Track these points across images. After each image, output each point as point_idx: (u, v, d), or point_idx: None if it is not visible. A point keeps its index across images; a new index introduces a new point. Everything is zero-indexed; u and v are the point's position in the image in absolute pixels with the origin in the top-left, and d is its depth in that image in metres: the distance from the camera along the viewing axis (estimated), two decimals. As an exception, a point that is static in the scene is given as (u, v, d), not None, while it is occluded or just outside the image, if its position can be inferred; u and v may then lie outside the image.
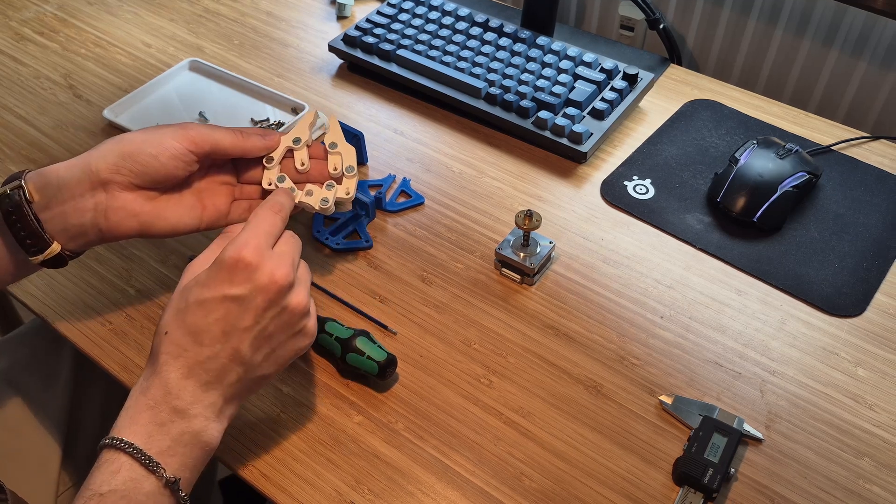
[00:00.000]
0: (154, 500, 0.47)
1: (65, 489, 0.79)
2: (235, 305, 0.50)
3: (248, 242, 0.51)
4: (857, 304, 0.68)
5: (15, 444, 0.78)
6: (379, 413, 0.60)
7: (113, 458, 0.47)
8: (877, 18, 0.85)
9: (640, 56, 0.94)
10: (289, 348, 0.53)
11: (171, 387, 0.49)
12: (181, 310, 0.50)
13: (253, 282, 0.50)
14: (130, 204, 0.57)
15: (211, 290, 0.50)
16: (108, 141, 0.57)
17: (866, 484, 0.56)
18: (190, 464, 0.49)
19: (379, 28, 0.92)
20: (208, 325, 0.50)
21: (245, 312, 0.50)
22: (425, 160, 0.82)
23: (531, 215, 0.66)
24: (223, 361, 0.50)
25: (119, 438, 0.47)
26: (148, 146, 0.56)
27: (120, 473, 0.46)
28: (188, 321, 0.50)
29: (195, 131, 0.58)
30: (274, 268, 0.50)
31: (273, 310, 0.51)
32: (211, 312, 0.50)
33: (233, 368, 0.50)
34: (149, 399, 0.49)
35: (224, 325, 0.50)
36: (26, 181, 0.55)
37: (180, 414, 0.49)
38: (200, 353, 0.49)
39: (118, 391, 0.85)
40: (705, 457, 0.56)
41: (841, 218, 0.75)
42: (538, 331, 0.66)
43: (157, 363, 0.50)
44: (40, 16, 1.02)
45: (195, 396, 0.49)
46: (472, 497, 0.56)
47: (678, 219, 0.75)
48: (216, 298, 0.50)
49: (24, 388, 0.81)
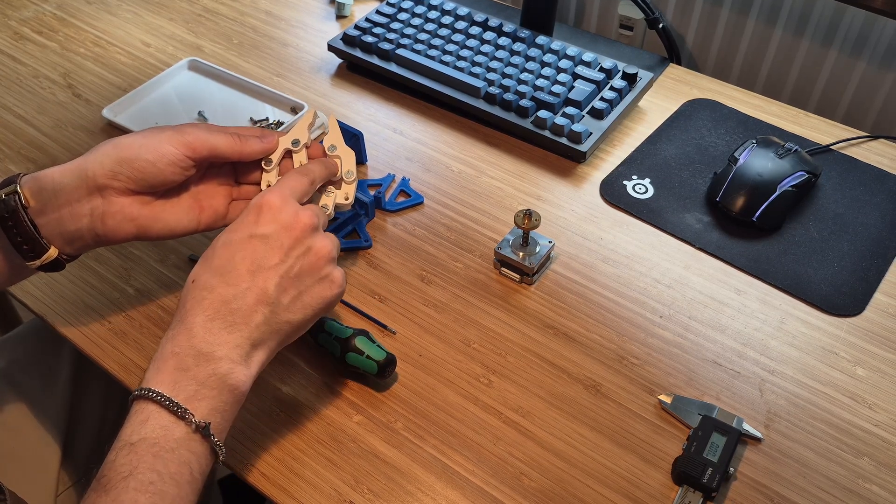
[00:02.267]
0: (186, 447, 0.47)
1: (64, 489, 0.79)
2: (261, 243, 0.51)
3: (275, 191, 0.54)
4: (856, 303, 0.68)
5: (14, 444, 0.78)
6: (378, 412, 0.60)
7: (141, 407, 0.47)
8: (876, 18, 0.85)
9: (639, 55, 0.94)
10: (316, 294, 0.53)
11: (195, 330, 0.49)
12: (208, 256, 0.52)
13: (279, 221, 0.52)
14: (127, 208, 0.57)
15: (237, 232, 0.52)
16: (104, 144, 0.57)
17: (865, 483, 0.56)
18: (220, 407, 0.48)
19: (378, 27, 0.92)
20: (234, 264, 0.51)
21: (271, 250, 0.51)
22: (424, 160, 0.82)
23: (530, 215, 0.66)
24: (249, 301, 0.50)
25: (146, 388, 0.47)
26: (145, 151, 0.56)
27: (149, 422, 0.46)
28: (214, 263, 0.51)
29: (193, 136, 0.57)
30: (298, 209, 0.53)
31: (298, 249, 0.52)
32: (237, 251, 0.51)
33: (258, 309, 0.50)
34: (174, 346, 0.49)
35: (250, 262, 0.51)
36: (21, 186, 0.55)
37: (205, 357, 0.48)
38: (226, 292, 0.50)
39: (118, 391, 0.85)
40: (704, 456, 0.56)
41: (840, 217, 0.75)
42: (537, 330, 0.66)
43: (183, 310, 0.50)
44: (39, 15, 1.02)
45: (220, 338, 0.49)
46: (472, 496, 0.56)
47: (677, 218, 0.75)
48: (242, 238, 0.52)
49: (24, 387, 0.81)
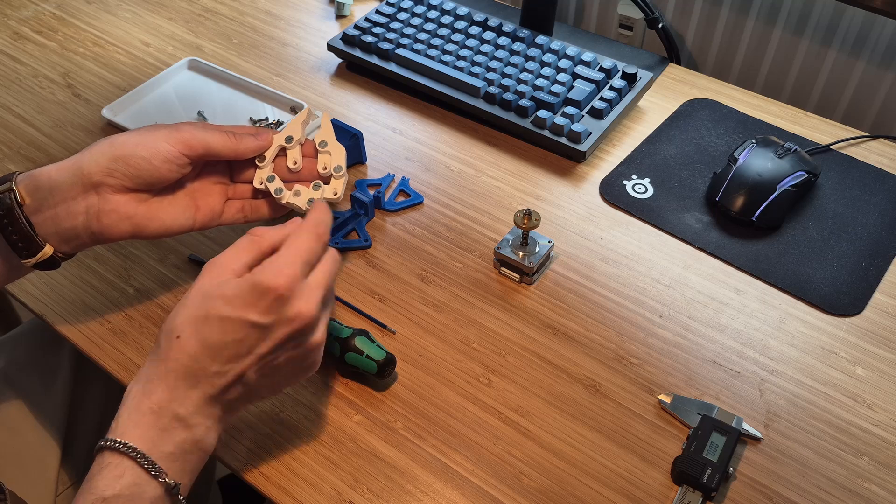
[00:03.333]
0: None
1: (64, 489, 0.79)
2: (256, 332, 0.49)
3: (284, 271, 0.49)
4: (855, 303, 0.68)
5: (14, 444, 0.78)
6: (378, 412, 0.60)
7: (116, 461, 0.47)
8: (875, 18, 0.85)
9: (638, 55, 0.94)
10: (290, 378, 0.53)
11: (176, 394, 0.48)
12: (199, 318, 0.49)
13: (280, 314, 0.49)
14: (123, 206, 0.56)
15: (236, 310, 0.48)
16: (100, 142, 0.57)
17: (865, 483, 0.56)
18: (189, 469, 0.49)
19: (378, 27, 0.92)
20: (225, 344, 0.49)
21: (263, 341, 0.49)
22: (424, 159, 0.82)
23: (530, 214, 0.66)
24: (229, 379, 0.49)
25: (122, 442, 0.47)
26: (140, 149, 0.55)
27: (123, 478, 0.46)
28: (205, 333, 0.49)
29: (189, 134, 0.57)
30: (303, 305, 0.49)
31: (290, 343, 0.50)
32: (230, 332, 0.49)
33: (235, 386, 0.50)
34: (152, 403, 0.48)
35: (240, 347, 0.49)
36: (17, 184, 0.55)
37: (183, 422, 0.48)
38: (210, 367, 0.49)
39: (117, 390, 0.85)
40: (704, 456, 0.56)
41: (839, 217, 0.75)
42: (537, 330, 0.66)
43: (162, 366, 0.49)
44: (39, 15, 1.02)
45: (198, 407, 0.49)
46: (471, 496, 0.56)
47: (677, 218, 0.75)
48: (240, 320, 0.48)
49: (23, 387, 0.81)
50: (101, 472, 0.46)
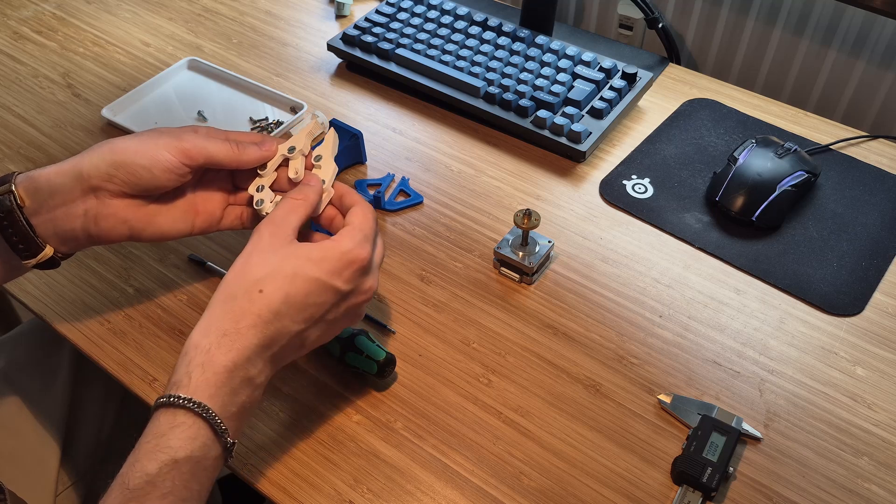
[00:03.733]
0: (215, 466, 0.47)
1: (63, 488, 0.79)
2: (335, 298, 0.52)
3: (365, 245, 0.53)
4: (855, 303, 0.68)
5: (14, 444, 0.78)
6: (378, 412, 0.60)
7: (190, 422, 0.46)
8: (875, 18, 0.85)
9: (638, 55, 0.94)
10: (328, 335, 0.55)
11: (252, 354, 0.48)
12: (287, 275, 0.50)
13: (357, 284, 0.53)
14: (121, 211, 0.56)
15: (325, 274, 0.51)
16: (101, 145, 0.56)
17: (865, 483, 0.56)
18: (242, 428, 0.50)
19: (378, 27, 0.92)
20: (307, 305, 0.50)
21: (337, 307, 0.52)
22: (424, 159, 0.82)
23: (530, 214, 0.66)
24: (296, 343, 0.51)
25: (198, 402, 0.46)
26: (140, 157, 0.55)
27: (197, 440, 0.46)
28: (290, 291, 0.50)
29: (190, 143, 0.56)
30: (373, 280, 0.54)
31: (353, 310, 0.54)
32: (314, 294, 0.50)
33: (298, 352, 0.52)
34: (227, 361, 0.47)
35: (318, 310, 0.51)
36: (17, 185, 0.55)
37: (250, 383, 0.49)
38: (288, 326, 0.50)
39: (117, 390, 0.85)
40: (704, 456, 0.56)
41: (839, 217, 0.75)
42: (537, 330, 0.66)
43: (242, 321, 0.48)
44: (39, 15, 1.02)
45: (265, 367, 0.50)
46: (471, 496, 0.56)
47: (677, 218, 0.75)
48: (326, 284, 0.51)
49: (23, 387, 0.81)
50: (171, 430, 0.45)
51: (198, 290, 0.69)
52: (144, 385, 0.62)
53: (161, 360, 0.63)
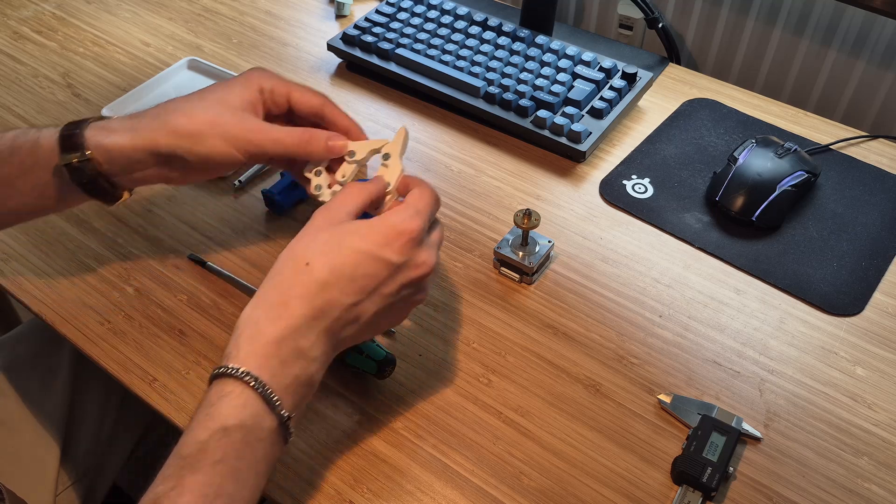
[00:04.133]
0: (270, 439, 0.47)
1: (63, 488, 0.79)
2: (387, 270, 0.50)
3: (416, 218, 0.52)
4: (855, 302, 0.68)
5: (14, 444, 0.79)
6: (378, 412, 0.60)
7: (238, 391, 0.46)
8: (875, 18, 0.85)
9: (638, 55, 0.94)
10: (390, 321, 0.54)
11: (299, 324, 0.48)
12: (332, 249, 0.50)
13: (411, 256, 0.51)
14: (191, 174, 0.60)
15: (372, 246, 0.50)
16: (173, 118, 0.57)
17: (865, 483, 0.56)
18: (300, 403, 0.49)
19: (378, 27, 0.92)
20: (356, 277, 0.49)
21: (391, 280, 0.51)
22: (424, 159, 0.82)
23: (530, 214, 0.66)
24: (351, 316, 0.50)
25: (245, 371, 0.46)
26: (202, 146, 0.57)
27: (246, 408, 0.45)
28: (337, 263, 0.49)
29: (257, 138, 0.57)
30: (428, 255, 0.52)
31: (412, 287, 0.53)
32: (363, 266, 0.50)
33: (354, 325, 0.51)
34: (275, 332, 0.48)
35: (369, 282, 0.50)
36: (93, 151, 0.57)
37: (303, 356, 0.48)
38: (337, 298, 0.49)
39: (117, 390, 0.85)
40: (704, 456, 0.56)
41: (839, 217, 0.75)
42: (537, 330, 0.66)
43: (288, 293, 0.49)
44: (39, 14, 1.02)
45: (318, 341, 0.49)
46: (471, 496, 0.56)
47: (677, 218, 0.75)
48: (374, 256, 0.50)
49: (23, 387, 0.81)
50: (220, 400, 0.46)
51: (198, 290, 0.69)
52: (144, 385, 0.62)
53: (161, 360, 0.63)
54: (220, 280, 0.70)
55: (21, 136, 0.58)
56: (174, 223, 0.75)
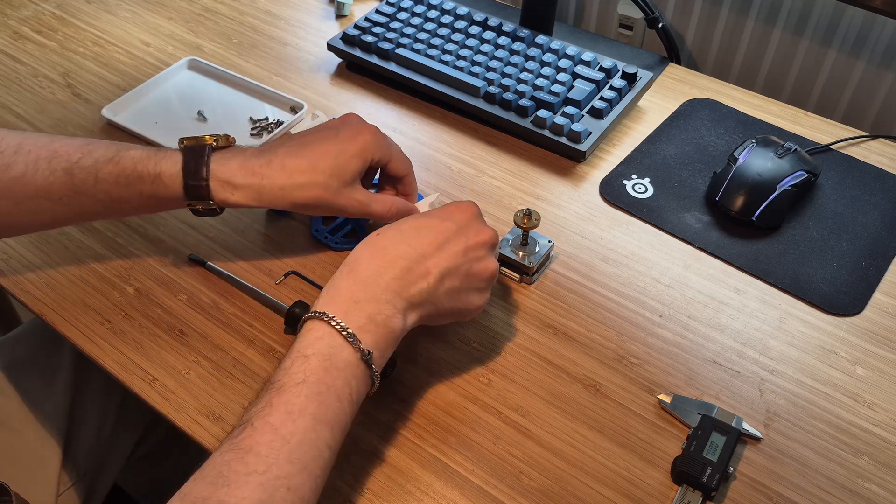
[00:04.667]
0: (351, 369, 0.51)
1: (65, 488, 0.79)
2: (452, 227, 0.57)
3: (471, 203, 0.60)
4: (855, 302, 0.68)
5: (15, 444, 0.78)
6: (378, 412, 0.60)
7: (316, 326, 0.51)
8: (875, 17, 0.85)
9: (638, 55, 0.94)
10: (467, 297, 0.57)
11: (369, 274, 0.54)
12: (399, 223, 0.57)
13: (469, 220, 0.58)
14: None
15: (434, 215, 0.58)
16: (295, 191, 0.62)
17: (865, 483, 0.56)
18: (380, 343, 0.52)
19: (378, 27, 0.92)
20: (421, 235, 0.56)
21: (457, 238, 0.56)
22: (424, 159, 0.82)
23: (530, 214, 0.66)
24: (420, 269, 0.54)
25: (322, 311, 0.52)
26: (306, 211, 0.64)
27: (322, 340, 0.51)
28: (403, 227, 0.57)
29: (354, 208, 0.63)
30: (485, 224, 0.59)
31: (475, 253, 0.57)
32: (426, 227, 0.56)
33: (424, 279, 0.55)
34: (349, 282, 0.54)
35: (436, 237, 0.56)
36: (217, 205, 0.62)
37: (373, 298, 0.53)
38: (405, 251, 0.55)
39: (118, 390, 0.85)
40: (704, 455, 0.56)
41: (839, 217, 0.75)
42: (537, 330, 0.66)
43: (359, 255, 0.55)
44: (39, 14, 1.02)
45: (388, 287, 0.54)
46: (471, 496, 0.56)
47: (677, 218, 0.75)
48: (435, 220, 0.57)
49: (24, 387, 0.81)
50: (303, 336, 0.51)
51: (198, 290, 0.69)
52: (144, 385, 0.62)
53: (161, 360, 0.64)
54: (220, 280, 0.70)
55: (141, 164, 0.61)
56: (174, 223, 0.75)
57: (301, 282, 0.69)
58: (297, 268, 0.70)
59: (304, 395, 0.48)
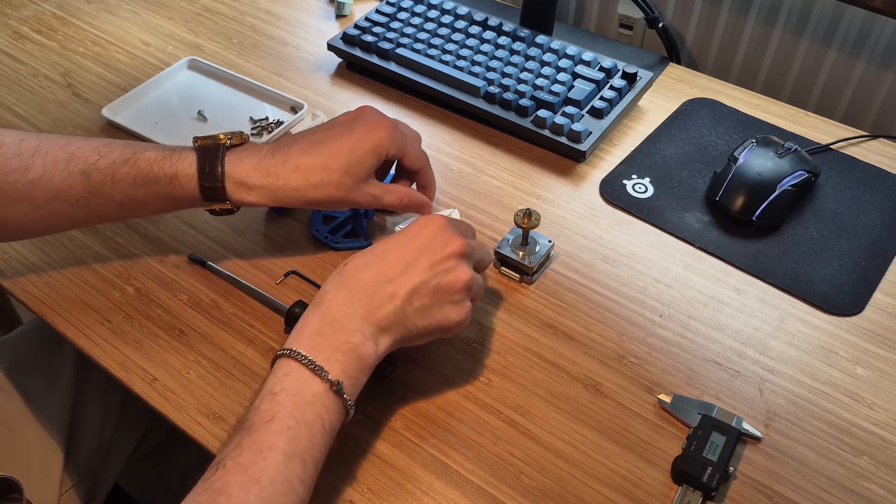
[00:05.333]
0: (320, 401, 0.50)
1: (67, 489, 0.79)
2: (415, 250, 0.56)
3: (437, 216, 0.59)
4: (855, 302, 0.68)
5: (17, 445, 0.78)
6: (378, 412, 0.60)
7: (283, 364, 0.52)
8: (875, 17, 0.85)
9: (639, 55, 0.94)
10: (443, 312, 0.56)
11: (334, 305, 0.54)
12: (365, 251, 0.57)
13: (436, 237, 0.56)
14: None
15: (397, 238, 0.57)
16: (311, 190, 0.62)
17: (865, 482, 0.56)
18: (350, 372, 0.52)
19: (378, 27, 0.92)
20: (386, 258, 0.55)
21: (422, 257, 0.55)
22: (424, 159, 0.82)
23: (530, 214, 0.66)
24: (386, 292, 0.54)
25: (289, 348, 0.52)
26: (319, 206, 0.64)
27: (290, 376, 0.51)
28: (368, 255, 0.56)
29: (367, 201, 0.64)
30: (455, 235, 0.57)
31: (443, 265, 0.55)
32: (393, 250, 0.56)
33: (392, 301, 0.54)
34: (314, 316, 0.54)
35: (401, 261, 0.55)
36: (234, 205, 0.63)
37: (340, 327, 0.53)
38: (366, 278, 0.55)
39: (119, 390, 0.85)
40: (704, 455, 0.56)
41: (840, 217, 0.75)
42: (537, 329, 0.66)
43: (326, 287, 0.55)
44: (39, 14, 1.02)
45: (354, 314, 0.53)
46: (471, 495, 0.56)
47: (677, 217, 0.75)
48: (400, 242, 0.56)
49: (26, 387, 0.81)
50: (272, 374, 0.52)
51: (198, 290, 0.69)
52: (144, 385, 0.62)
53: (161, 360, 0.64)
54: (220, 280, 0.70)
55: (157, 165, 0.61)
56: (174, 223, 0.75)
57: (301, 281, 0.69)
58: (297, 267, 0.70)
59: (272, 432, 0.48)
